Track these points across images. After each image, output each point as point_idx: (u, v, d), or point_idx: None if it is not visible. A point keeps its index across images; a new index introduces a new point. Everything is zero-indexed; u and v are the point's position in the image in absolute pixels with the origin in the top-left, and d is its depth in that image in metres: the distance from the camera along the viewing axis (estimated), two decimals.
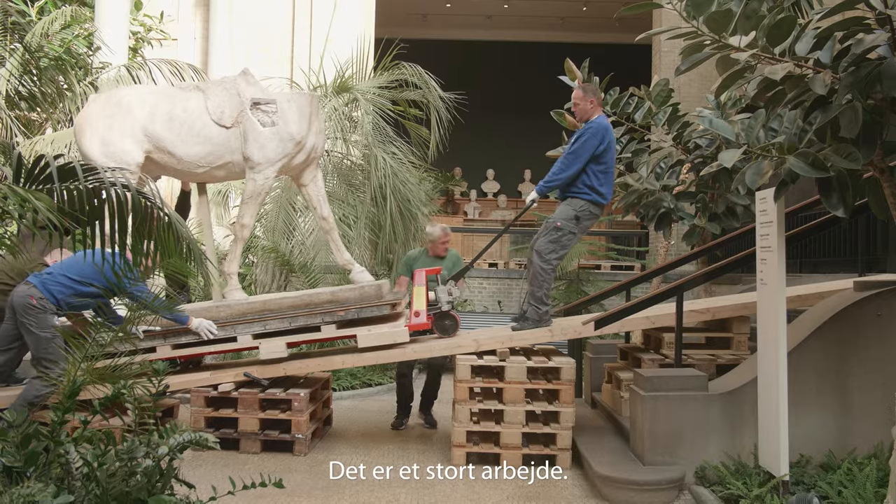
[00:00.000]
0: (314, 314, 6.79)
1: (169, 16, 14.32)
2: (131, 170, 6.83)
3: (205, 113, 6.98)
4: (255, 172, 7.01)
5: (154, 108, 6.92)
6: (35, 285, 6.16)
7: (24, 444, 3.34)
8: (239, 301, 7.03)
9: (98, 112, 6.95)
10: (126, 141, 6.85)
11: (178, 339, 6.68)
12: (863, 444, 5.51)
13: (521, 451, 6.40)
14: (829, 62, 4.19)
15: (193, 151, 6.95)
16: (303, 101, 7.20)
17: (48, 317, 6.12)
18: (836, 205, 4.33)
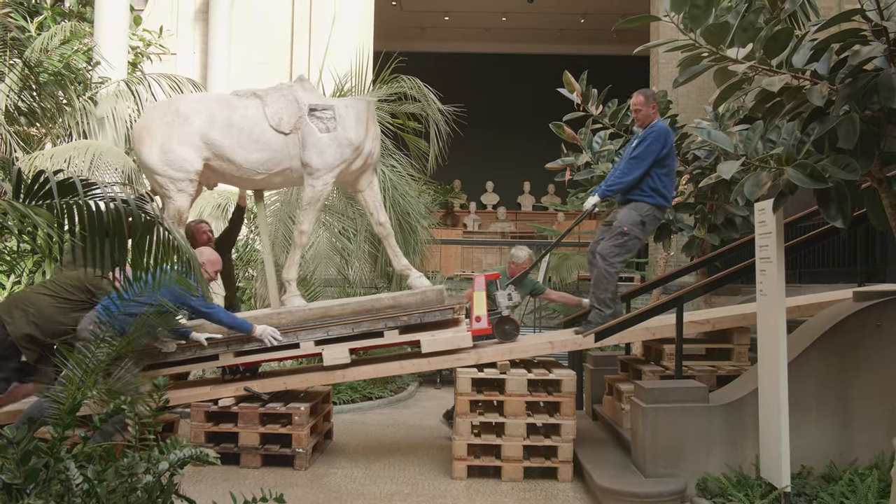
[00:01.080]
0: (377, 319, 6.77)
1: (168, 30, 14.36)
2: (190, 177, 6.87)
3: (263, 119, 6.97)
4: (313, 178, 7.01)
5: (212, 116, 6.92)
6: (99, 311, 6.13)
7: (24, 460, 3.33)
8: (300, 307, 7.01)
9: (157, 120, 6.96)
10: (185, 148, 6.85)
11: (241, 347, 6.66)
12: (864, 454, 5.50)
13: (522, 463, 6.38)
14: (826, 74, 4.21)
15: (253, 158, 6.94)
16: (360, 106, 7.18)
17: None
18: (834, 216, 4.33)
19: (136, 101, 11.13)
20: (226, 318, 6.43)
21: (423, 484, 6.24)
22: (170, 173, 6.85)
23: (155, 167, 6.85)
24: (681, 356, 6.36)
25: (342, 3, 15.36)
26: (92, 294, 6.48)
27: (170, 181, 6.87)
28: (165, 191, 6.93)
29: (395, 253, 7.46)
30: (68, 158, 9.51)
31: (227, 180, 7.32)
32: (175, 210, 6.94)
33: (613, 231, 6.82)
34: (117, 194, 3.99)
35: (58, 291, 6.47)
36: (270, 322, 6.72)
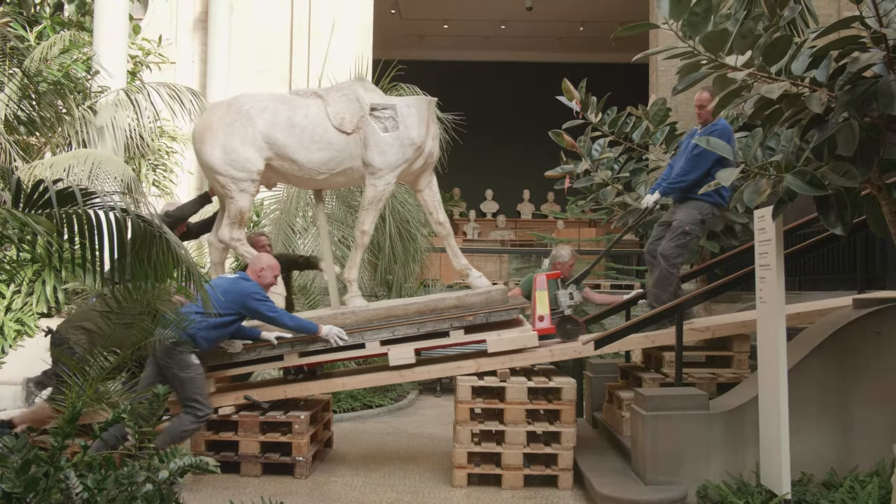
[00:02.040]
0: (442, 319, 6.75)
1: (167, 39, 14.37)
2: (252, 177, 6.87)
3: (325, 119, 6.94)
4: (375, 178, 6.99)
5: (275, 115, 6.90)
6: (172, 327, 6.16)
7: (24, 469, 3.32)
8: (364, 307, 6.98)
9: (218, 120, 6.94)
10: (248, 148, 6.82)
11: (307, 347, 6.65)
12: (864, 461, 5.50)
13: (522, 471, 6.37)
14: (825, 81, 4.21)
15: (315, 158, 6.91)
16: (422, 105, 7.16)
17: (186, 356, 6.12)
18: (834, 222, 4.34)
19: (135, 110, 11.13)
20: (290, 321, 6.43)
21: (424, 492, 6.23)
22: (232, 173, 6.83)
23: (217, 167, 6.83)
24: (681, 364, 6.36)
25: (341, 11, 15.38)
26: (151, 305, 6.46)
27: (232, 181, 6.85)
28: (227, 191, 6.90)
29: (454, 252, 7.41)
30: (68, 167, 9.51)
31: (288, 180, 7.32)
32: (236, 210, 6.93)
33: (674, 231, 6.81)
34: (117, 203, 3.99)
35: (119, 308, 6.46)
36: (335, 322, 6.68)
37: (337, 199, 11.14)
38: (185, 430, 6.12)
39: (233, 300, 6.24)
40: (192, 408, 6.12)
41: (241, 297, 6.25)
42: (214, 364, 6.60)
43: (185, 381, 6.11)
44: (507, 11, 21.75)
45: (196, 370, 6.16)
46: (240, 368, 6.82)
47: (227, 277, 6.49)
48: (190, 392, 6.12)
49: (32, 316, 9.74)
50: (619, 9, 19.24)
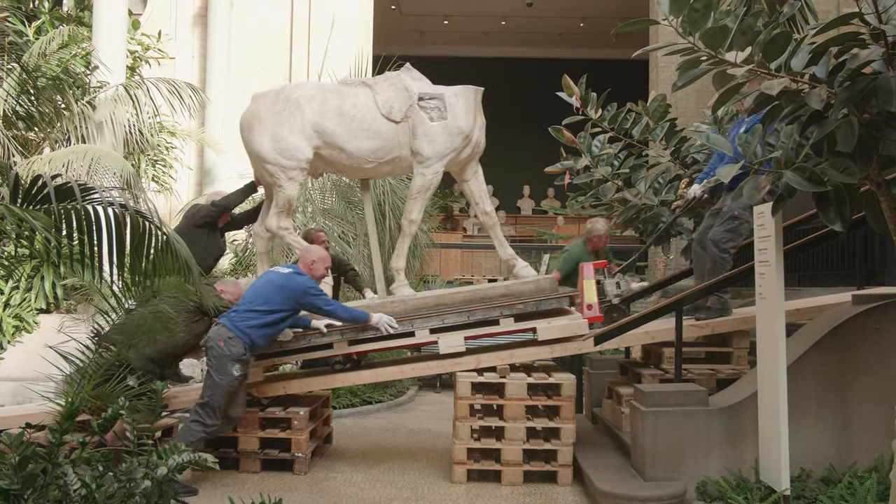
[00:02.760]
0: (492, 307, 6.76)
1: (167, 34, 14.35)
2: (301, 166, 6.87)
3: (374, 108, 6.94)
4: (424, 167, 6.99)
5: (323, 104, 6.90)
6: (225, 325, 6.16)
7: (22, 466, 3.32)
8: (413, 296, 7.00)
9: (267, 108, 6.94)
10: (296, 137, 6.83)
11: (356, 335, 6.66)
12: (863, 457, 5.50)
13: (521, 467, 6.38)
14: (824, 77, 4.20)
15: (364, 146, 6.92)
16: (469, 94, 7.17)
17: (229, 363, 6.07)
18: (833, 219, 4.33)
19: (134, 105, 11.11)
20: (344, 312, 6.44)
21: (423, 488, 6.23)
22: (281, 162, 6.83)
23: (265, 155, 6.84)
24: (680, 359, 6.35)
25: (341, 7, 15.36)
26: (200, 306, 6.46)
27: (280, 170, 6.85)
28: (275, 179, 6.90)
29: (500, 243, 7.41)
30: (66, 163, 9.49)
31: (335, 169, 7.32)
32: (284, 199, 6.93)
33: (724, 216, 6.81)
34: (115, 199, 3.99)
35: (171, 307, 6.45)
36: (384, 311, 6.69)
37: (337, 194, 11.14)
38: (195, 441, 5.98)
39: (288, 296, 6.23)
40: (201, 412, 6.05)
41: (297, 293, 6.24)
42: (264, 352, 6.60)
43: (214, 384, 6.07)
44: (507, 7, 21.73)
45: (230, 381, 6.09)
46: (290, 357, 6.84)
47: (280, 272, 6.46)
48: (211, 395, 6.07)
49: (31, 312, 9.74)
50: (620, 5, 19.22)
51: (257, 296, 6.25)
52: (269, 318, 6.20)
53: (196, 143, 14.34)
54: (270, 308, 6.19)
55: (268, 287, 6.28)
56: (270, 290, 6.25)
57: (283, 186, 6.89)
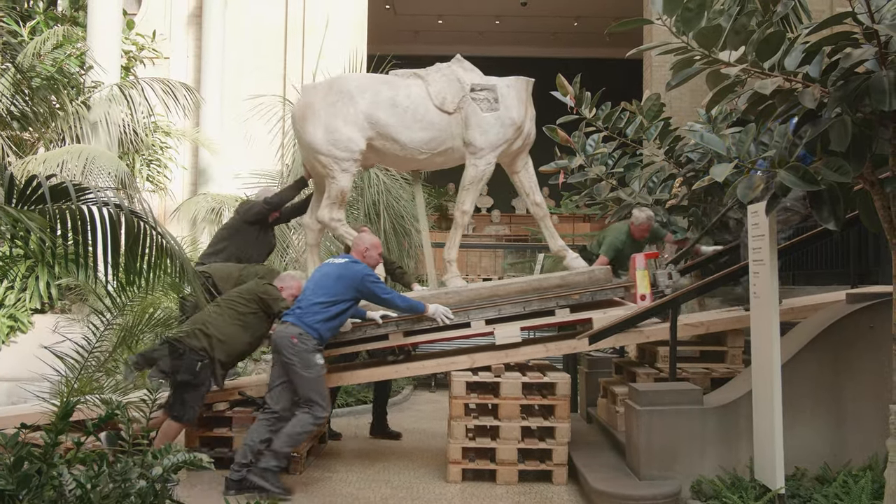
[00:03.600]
0: (547, 298, 6.76)
1: (161, 34, 14.33)
2: (354, 157, 6.85)
3: (427, 99, 6.93)
4: (476, 158, 6.97)
5: (376, 95, 6.89)
6: (292, 322, 6.14)
7: (17, 466, 3.32)
8: (467, 287, 7.00)
9: (320, 100, 6.92)
10: (350, 128, 6.81)
11: (412, 326, 6.65)
12: (858, 455, 5.52)
13: (516, 466, 6.38)
14: (817, 76, 4.21)
15: (417, 137, 6.90)
16: (520, 86, 7.15)
17: (310, 355, 6.07)
18: (827, 218, 4.34)
19: (129, 105, 11.10)
20: (401, 302, 6.43)
21: (418, 488, 6.23)
22: (334, 153, 6.82)
23: (319, 147, 6.83)
24: (675, 359, 6.37)
25: (336, 6, 15.35)
26: (266, 304, 6.46)
27: (334, 161, 6.84)
28: (329, 171, 6.88)
29: (550, 234, 7.40)
30: (61, 163, 9.49)
31: (387, 160, 7.30)
32: (338, 190, 6.92)
33: None
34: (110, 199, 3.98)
35: (232, 307, 6.44)
36: (438, 302, 6.68)
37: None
38: (304, 432, 6.05)
39: (348, 285, 6.22)
40: (309, 408, 6.05)
41: (356, 281, 6.23)
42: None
43: (306, 380, 6.05)
44: (501, 6, 21.73)
45: (318, 370, 6.09)
46: (347, 348, 6.82)
47: (336, 262, 6.44)
48: (310, 392, 6.06)
49: (25, 312, 9.73)
50: (614, 4, 19.22)
51: (318, 289, 6.24)
52: (333, 311, 6.18)
53: (191, 142, 14.33)
54: (332, 300, 6.18)
55: (326, 279, 6.27)
56: (329, 281, 6.24)
57: (336, 178, 6.87)
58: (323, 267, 6.50)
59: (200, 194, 13.96)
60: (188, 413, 6.24)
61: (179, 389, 6.24)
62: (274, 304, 6.43)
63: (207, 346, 6.23)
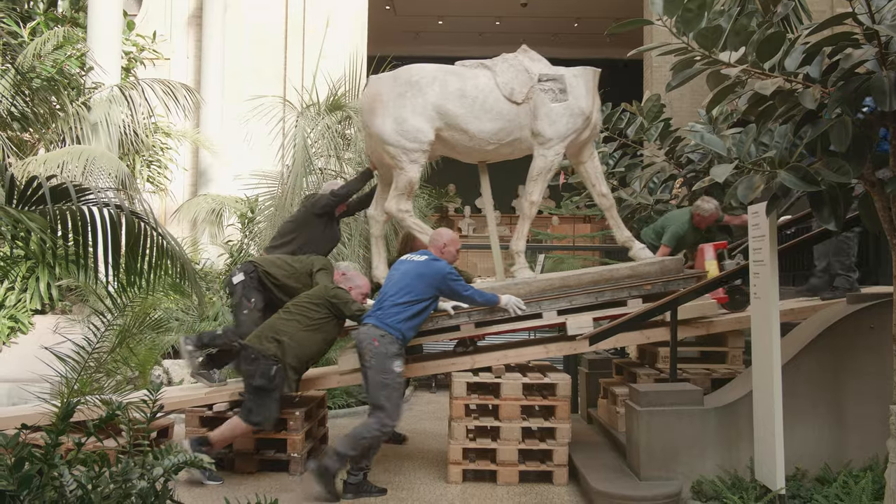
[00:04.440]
0: (620, 288, 6.73)
1: (161, 35, 14.35)
2: (423, 148, 6.82)
3: (495, 89, 6.88)
4: (545, 148, 6.92)
5: (445, 86, 6.85)
6: (374, 324, 6.07)
7: (18, 467, 3.31)
8: (537, 278, 6.94)
9: (388, 91, 6.89)
10: (419, 118, 6.78)
11: (484, 317, 6.62)
12: (858, 456, 5.52)
13: (517, 467, 6.38)
14: (818, 77, 4.22)
15: (486, 128, 6.86)
16: (588, 75, 7.11)
17: (389, 360, 5.99)
18: (827, 218, 4.34)
19: (129, 106, 11.12)
20: (479, 297, 6.38)
21: (419, 488, 6.23)
22: (403, 144, 6.79)
23: (388, 138, 6.79)
24: (675, 359, 6.36)
25: (336, 7, 15.37)
26: (336, 308, 6.44)
27: (402, 152, 6.80)
28: (397, 161, 6.85)
29: (617, 224, 7.36)
30: (62, 164, 9.50)
31: (455, 151, 7.22)
32: (406, 181, 6.88)
33: None
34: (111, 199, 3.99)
35: (302, 313, 6.41)
36: (509, 293, 6.64)
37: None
38: (368, 437, 5.91)
39: (429, 283, 6.17)
40: (378, 415, 5.96)
41: (437, 279, 6.18)
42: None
43: (379, 384, 5.97)
44: (502, 7, 21.73)
45: (394, 377, 5.99)
46: (419, 339, 6.75)
47: (415, 260, 6.36)
48: (381, 398, 5.96)
49: (26, 313, 9.73)
50: (614, 5, 19.23)
51: (399, 288, 6.17)
52: (415, 309, 6.13)
53: (191, 143, 14.35)
54: (414, 298, 6.12)
55: (406, 277, 6.21)
56: (410, 279, 6.18)
57: (404, 169, 6.84)
58: (401, 265, 6.42)
59: (201, 195, 13.98)
60: (265, 418, 6.28)
61: (255, 394, 6.24)
62: (345, 307, 6.40)
63: (279, 353, 6.21)
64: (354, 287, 6.63)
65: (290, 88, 14.26)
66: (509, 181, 23.38)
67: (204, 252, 12.96)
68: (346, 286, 6.61)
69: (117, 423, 3.99)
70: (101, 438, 3.88)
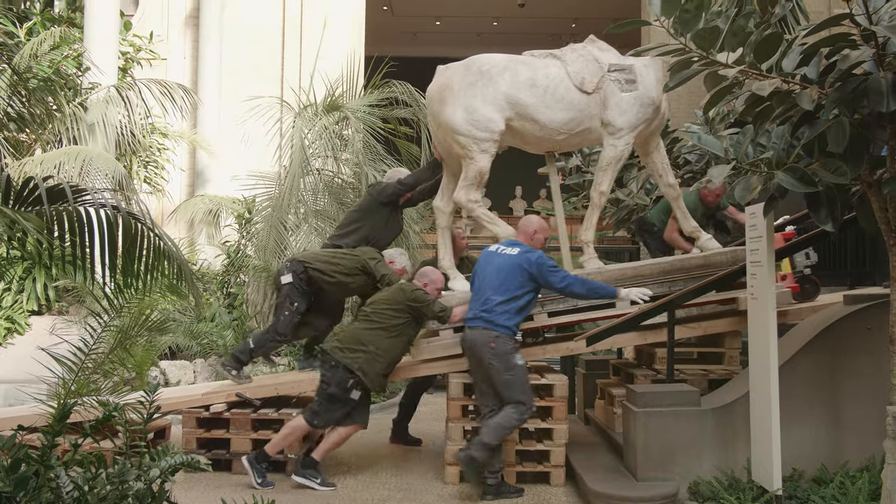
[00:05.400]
0: (692, 278, 6.64)
1: (158, 36, 14.34)
2: (494, 138, 6.79)
3: (566, 79, 6.83)
4: (615, 138, 6.87)
5: (515, 76, 6.80)
6: (484, 327, 6.02)
7: (14, 468, 3.31)
8: (609, 268, 6.91)
9: (459, 80, 6.86)
10: (489, 108, 6.74)
11: (556, 307, 6.59)
12: (855, 457, 5.52)
13: (514, 468, 6.37)
14: (815, 78, 4.22)
15: (557, 118, 6.81)
16: (657, 65, 7.05)
17: (510, 356, 5.97)
18: (824, 219, 4.35)
19: (126, 106, 11.11)
20: (579, 287, 6.19)
21: (416, 489, 6.23)
22: (474, 133, 6.75)
23: (458, 127, 6.76)
24: (672, 360, 6.36)
25: (333, 8, 15.36)
26: (417, 311, 6.40)
27: (473, 141, 6.77)
28: (468, 151, 6.81)
29: (683, 215, 7.32)
30: (58, 164, 9.49)
31: (523, 141, 7.17)
32: (476, 171, 6.85)
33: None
34: (107, 200, 3.98)
35: (384, 322, 6.34)
36: None
37: (329, 195, 11.11)
38: (510, 427, 5.97)
39: (528, 276, 6.09)
40: (518, 408, 5.95)
41: (534, 271, 6.08)
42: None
43: (509, 382, 5.95)
44: (499, 8, 21.75)
45: (519, 370, 5.98)
46: None
47: (507, 253, 6.24)
48: (514, 393, 5.95)
49: (23, 314, 9.72)
50: (611, 6, 19.25)
51: (499, 285, 6.08)
52: (521, 304, 6.10)
53: (188, 144, 14.35)
54: (517, 294, 6.07)
55: (501, 273, 6.12)
56: (506, 275, 6.10)
57: (474, 158, 6.81)
58: (492, 258, 6.30)
59: (198, 196, 13.98)
60: (327, 421, 6.34)
61: (327, 400, 6.26)
62: (426, 309, 6.35)
63: (365, 366, 6.20)
64: (429, 283, 6.57)
65: (287, 89, 14.25)
66: (507, 181, 23.43)
67: (201, 253, 12.94)
68: (421, 283, 6.54)
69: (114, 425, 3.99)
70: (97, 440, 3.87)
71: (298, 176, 10.58)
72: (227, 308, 10.75)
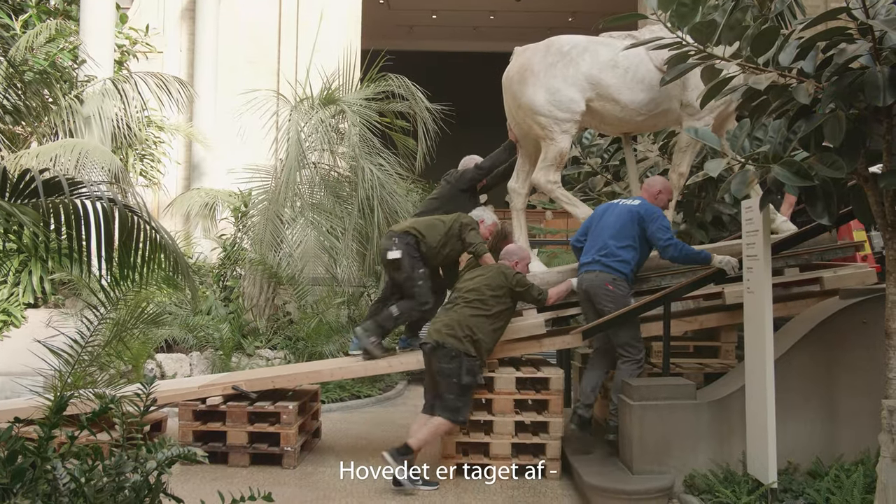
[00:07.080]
0: (776, 258, 6.50)
1: (154, 28, 14.31)
2: (575, 118, 6.79)
3: (647, 60, 6.80)
4: (694, 119, 6.82)
5: (596, 56, 6.80)
6: (601, 270, 6.23)
7: (11, 460, 3.31)
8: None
9: (539, 61, 6.85)
10: (571, 89, 6.74)
11: (639, 287, 6.64)
12: (850, 450, 5.53)
13: (510, 461, 6.39)
14: (812, 72, 4.23)
15: (638, 99, 6.81)
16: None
17: (625, 301, 6.23)
18: (820, 213, 4.36)
19: (122, 99, 11.09)
20: (675, 251, 6.24)
21: None
22: (556, 114, 6.74)
23: (540, 108, 6.76)
24: (668, 353, 6.37)
25: (330, 1, 15.34)
26: (519, 295, 6.40)
27: (554, 122, 6.76)
28: (548, 132, 6.81)
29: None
30: (54, 157, 9.47)
31: (603, 122, 7.17)
32: (556, 152, 6.85)
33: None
34: (104, 193, 3.98)
35: (488, 309, 6.29)
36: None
37: (326, 188, 11.11)
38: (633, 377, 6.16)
39: (641, 229, 6.25)
40: (627, 354, 6.19)
41: (648, 221, 6.21)
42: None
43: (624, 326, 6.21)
44: (496, 2, 21.72)
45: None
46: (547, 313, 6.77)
47: (627, 204, 6.41)
48: (625, 336, 6.21)
49: (19, 306, 9.71)
50: None
51: (616, 231, 6.26)
52: (635, 254, 6.29)
53: (184, 137, 14.32)
54: (631, 243, 6.25)
55: (620, 220, 6.29)
56: (624, 222, 6.26)
57: (555, 139, 6.81)
58: (612, 208, 6.47)
59: (194, 189, 13.95)
60: (465, 414, 6.28)
61: (462, 392, 6.18)
62: (526, 294, 6.39)
63: (477, 351, 6.20)
64: (519, 261, 6.57)
65: (283, 82, 14.22)
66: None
67: (197, 246, 12.94)
68: (511, 262, 6.53)
69: (111, 417, 3.99)
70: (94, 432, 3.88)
71: (295, 169, 10.57)
72: (224, 301, 10.74)
